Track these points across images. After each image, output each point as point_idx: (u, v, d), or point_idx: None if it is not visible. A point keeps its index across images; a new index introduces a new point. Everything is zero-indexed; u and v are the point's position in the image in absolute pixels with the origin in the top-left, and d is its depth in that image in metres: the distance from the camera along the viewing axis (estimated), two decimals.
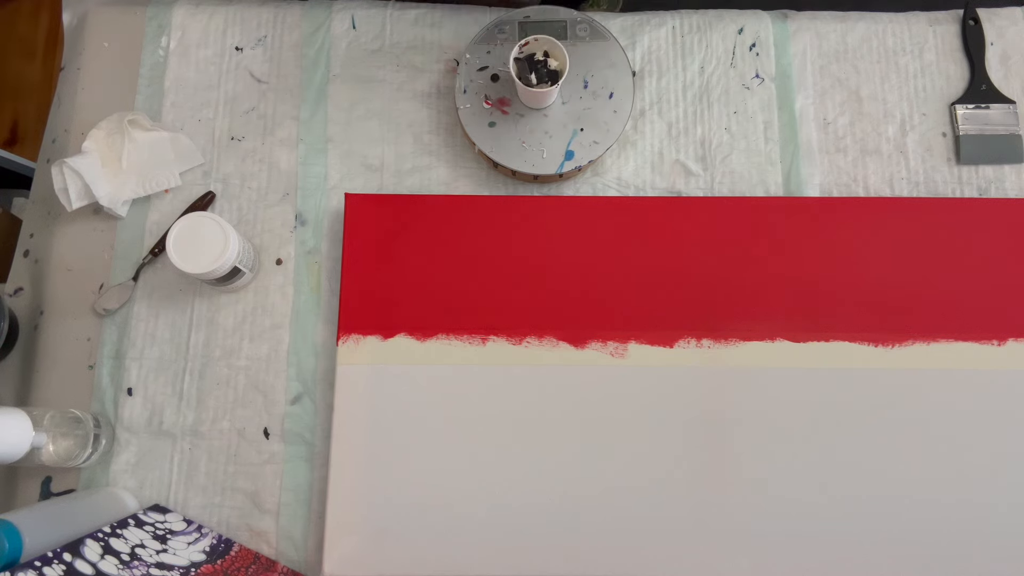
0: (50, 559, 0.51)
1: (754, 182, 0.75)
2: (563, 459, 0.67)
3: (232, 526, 0.68)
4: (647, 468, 0.67)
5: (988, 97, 0.77)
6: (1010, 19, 0.79)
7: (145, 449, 0.69)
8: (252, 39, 0.79)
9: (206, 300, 0.73)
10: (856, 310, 0.70)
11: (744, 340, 0.69)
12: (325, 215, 0.75)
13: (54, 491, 0.69)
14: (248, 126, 0.77)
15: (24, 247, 0.76)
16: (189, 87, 0.78)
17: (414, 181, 0.76)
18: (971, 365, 0.68)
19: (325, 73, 0.78)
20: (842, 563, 0.65)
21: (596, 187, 0.75)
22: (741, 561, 0.65)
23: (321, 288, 0.73)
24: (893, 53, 0.79)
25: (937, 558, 0.65)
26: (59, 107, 0.79)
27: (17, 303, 0.74)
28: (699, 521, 0.65)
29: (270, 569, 0.64)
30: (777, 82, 0.78)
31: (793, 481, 0.66)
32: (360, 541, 0.65)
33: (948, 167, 0.76)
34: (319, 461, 0.69)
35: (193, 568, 0.59)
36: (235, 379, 0.71)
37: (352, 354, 0.69)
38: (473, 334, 0.70)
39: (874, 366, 0.68)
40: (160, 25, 0.80)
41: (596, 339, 0.69)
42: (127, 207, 0.75)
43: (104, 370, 0.71)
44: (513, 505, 0.66)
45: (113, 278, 0.73)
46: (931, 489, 0.66)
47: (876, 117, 0.77)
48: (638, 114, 0.77)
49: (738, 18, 0.80)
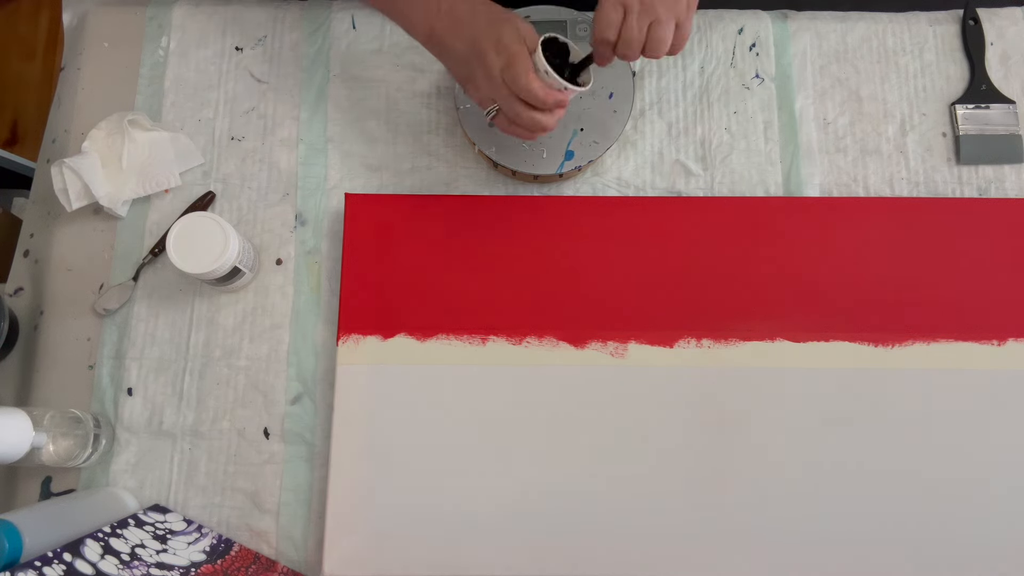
0: (50, 559, 0.51)
1: (754, 182, 0.75)
2: (563, 459, 0.67)
3: (232, 526, 0.68)
4: (647, 468, 0.67)
5: (988, 97, 0.77)
6: (1010, 19, 0.79)
7: (145, 449, 0.69)
8: (252, 39, 0.79)
9: (206, 300, 0.73)
10: (856, 310, 0.70)
11: (744, 340, 0.69)
12: (325, 215, 0.75)
13: (54, 491, 0.69)
14: (248, 126, 0.77)
15: (24, 247, 0.76)
16: (189, 87, 0.78)
17: (414, 181, 0.76)
18: (971, 365, 0.68)
19: (325, 73, 0.78)
20: (842, 563, 0.65)
21: (596, 187, 0.75)
22: (741, 561, 0.65)
23: (321, 288, 0.73)
24: (893, 53, 0.79)
25: (937, 558, 0.65)
26: (59, 107, 0.79)
27: (17, 303, 0.74)
28: (699, 521, 0.65)
29: (270, 569, 0.64)
30: (777, 82, 0.78)
31: (793, 481, 0.66)
32: (360, 541, 0.65)
33: (948, 167, 0.76)
34: (319, 461, 0.69)
35: (193, 568, 0.59)
36: (235, 379, 0.71)
37: (352, 354, 0.69)
38: (473, 334, 0.70)
39: (874, 366, 0.68)
40: (160, 25, 0.80)
41: (596, 339, 0.69)
42: (127, 207, 0.75)
43: (104, 370, 0.71)
44: (513, 505, 0.66)
45: (113, 278, 0.73)
46: (931, 489, 0.66)
47: (876, 117, 0.77)
48: (638, 114, 0.77)
49: (738, 18, 0.80)
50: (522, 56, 0.58)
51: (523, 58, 0.58)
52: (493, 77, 0.59)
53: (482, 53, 0.59)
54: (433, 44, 0.63)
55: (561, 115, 0.62)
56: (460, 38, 0.61)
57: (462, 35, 0.60)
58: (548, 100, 0.59)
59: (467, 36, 0.60)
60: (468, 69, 0.61)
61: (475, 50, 0.60)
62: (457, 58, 0.62)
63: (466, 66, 0.61)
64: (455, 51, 0.61)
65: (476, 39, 0.59)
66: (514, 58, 0.58)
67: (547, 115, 0.61)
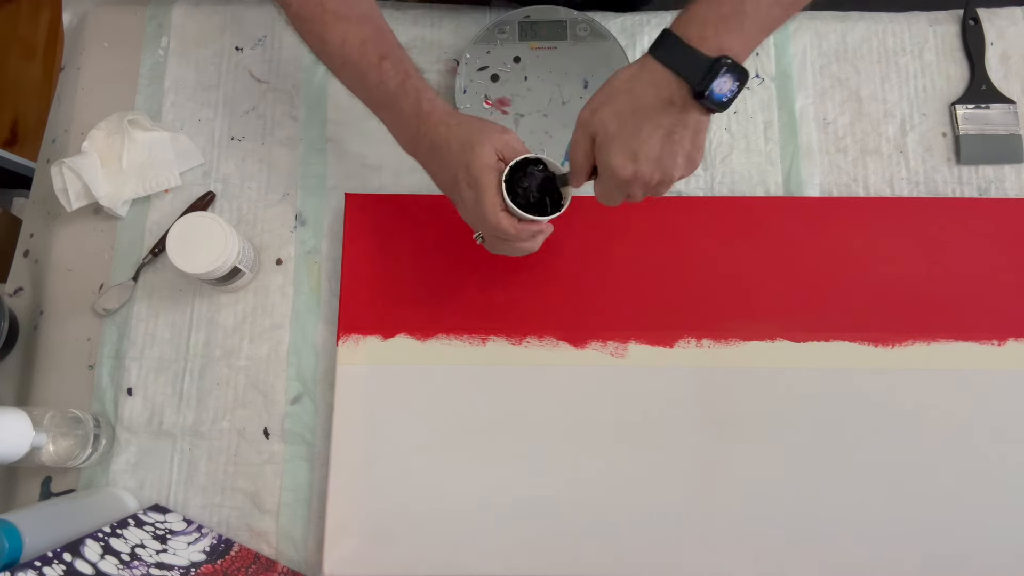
0: (50, 559, 0.51)
1: (754, 182, 0.75)
2: (563, 459, 0.67)
3: (232, 526, 0.68)
4: (647, 468, 0.67)
5: (988, 97, 0.77)
6: (1010, 19, 0.79)
7: (145, 449, 0.69)
8: (252, 39, 0.79)
9: (206, 300, 0.73)
10: (856, 310, 0.70)
11: (744, 340, 0.69)
12: (325, 215, 0.75)
13: (54, 491, 0.69)
14: (248, 126, 0.77)
15: (24, 247, 0.76)
16: (189, 87, 0.78)
17: (414, 181, 0.76)
18: (971, 365, 0.68)
19: (325, 73, 0.78)
20: (842, 562, 0.65)
21: None
22: (741, 561, 0.65)
23: (321, 288, 0.73)
24: (893, 53, 0.79)
25: (937, 557, 0.65)
26: (59, 107, 0.79)
27: (17, 303, 0.74)
28: (699, 521, 0.65)
29: (270, 569, 0.64)
30: (777, 82, 0.78)
31: (793, 481, 0.66)
32: (360, 541, 0.65)
33: (948, 167, 0.76)
34: (319, 461, 0.69)
35: (193, 568, 0.59)
36: (235, 379, 0.71)
37: (352, 354, 0.69)
38: (473, 334, 0.70)
39: (874, 366, 0.68)
40: (160, 25, 0.80)
41: (596, 339, 0.69)
42: (127, 207, 0.75)
43: (104, 370, 0.71)
44: (513, 505, 0.66)
45: (113, 278, 0.73)
46: (931, 489, 0.66)
47: (876, 117, 0.77)
48: None
49: None
50: (489, 190, 0.55)
51: (490, 194, 0.56)
52: (468, 211, 0.58)
53: (455, 184, 0.57)
54: (418, 161, 0.62)
55: (550, 232, 0.60)
56: (439, 165, 0.59)
57: (439, 162, 0.58)
58: (521, 235, 0.57)
59: (443, 163, 0.58)
60: (449, 194, 0.60)
61: (450, 180, 0.58)
62: (440, 184, 0.60)
63: (448, 192, 0.60)
64: (436, 177, 0.60)
65: (450, 167, 0.57)
66: (482, 193, 0.56)
67: (527, 242, 0.59)
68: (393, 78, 0.59)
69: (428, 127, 0.58)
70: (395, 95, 0.59)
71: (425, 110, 0.58)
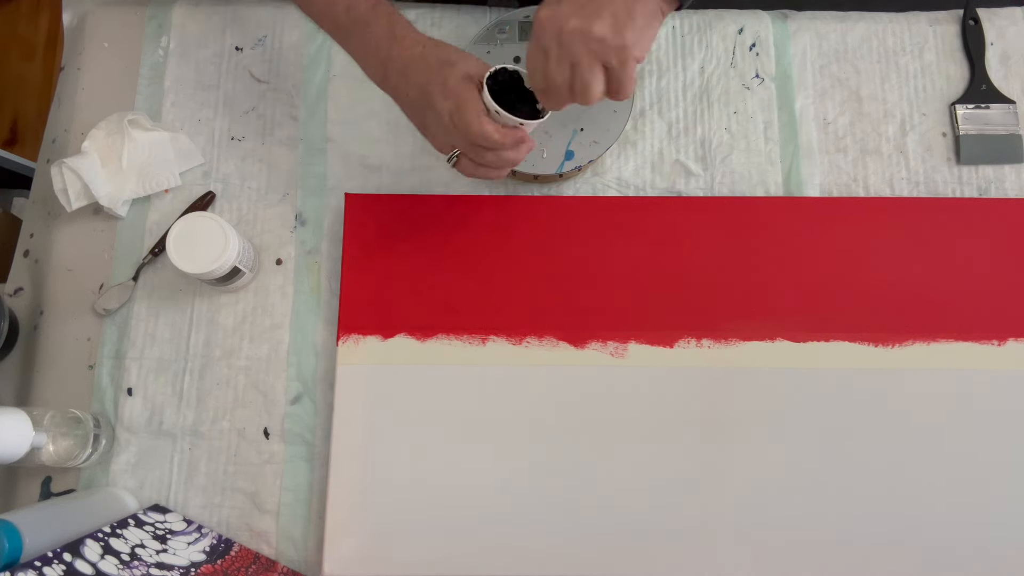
0: (50, 559, 0.51)
1: (754, 182, 0.75)
2: (563, 459, 0.67)
3: (232, 526, 0.68)
4: (647, 468, 0.67)
5: (988, 97, 0.77)
6: (1010, 19, 0.79)
7: (145, 449, 0.69)
8: (252, 39, 0.79)
9: (206, 300, 0.73)
10: (856, 310, 0.70)
11: (744, 340, 0.69)
12: (325, 215, 0.75)
13: (54, 491, 0.69)
14: (248, 126, 0.77)
15: (24, 247, 0.76)
16: (189, 87, 0.78)
17: (414, 181, 0.76)
18: (971, 365, 0.68)
19: (325, 73, 0.78)
20: (841, 563, 0.65)
21: (596, 187, 0.75)
22: (741, 561, 0.65)
23: (321, 288, 0.73)
24: (893, 53, 0.79)
25: (937, 558, 0.65)
26: (59, 107, 0.79)
27: (17, 303, 0.74)
28: (699, 521, 0.65)
29: (270, 569, 0.64)
30: (777, 82, 0.78)
31: (793, 481, 0.66)
32: (360, 541, 0.65)
33: (948, 167, 0.76)
34: (319, 461, 0.69)
35: (193, 568, 0.59)
36: (235, 379, 0.71)
37: (352, 354, 0.69)
38: (473, 334, 0.70)
39: (874, 366, 0.68)
40: (160, 25, 0.80)
41: (596, 339, 0.69)
42: (127, 207, 0.75)
43: (104, 370, 0.71)
44: (513, 505, 0.66)
45: (113, 278, 0.73)
46: (931, 489, 0.66)
47: (876, 117, 0.77)
48: (638, 114, 0.77)
49: (738, 18, 0.80)
50: (470, 99, 0.55)
51: (472, 101, 0.55)
52: (445, 124, 0.57)
53: (430, 100, 0.56)
54: (387, 90, 0.61)
55: (532, 146, 0.59)
56: (411, 85, 0.58)
57: (412, 81, 0.58)
58: (506, 141, 0.56)
59: (416, 82, 0.57)
60: (422, 116, 0.59)
61: (425, 97, 0.57)
62: (410, 105, 0.59)
63: (420, 113, 0.59)
64: (407, 98, 0.59)
65: (424, 85, 0.56)
66: (463, 102, 0.55)
67: (511, 151, 0.58)
68: (364, 2, 0.59)
69: (402, 48, 0.58)
70: (365, 19, 0.59)
71: (399, 33, 0.58)
